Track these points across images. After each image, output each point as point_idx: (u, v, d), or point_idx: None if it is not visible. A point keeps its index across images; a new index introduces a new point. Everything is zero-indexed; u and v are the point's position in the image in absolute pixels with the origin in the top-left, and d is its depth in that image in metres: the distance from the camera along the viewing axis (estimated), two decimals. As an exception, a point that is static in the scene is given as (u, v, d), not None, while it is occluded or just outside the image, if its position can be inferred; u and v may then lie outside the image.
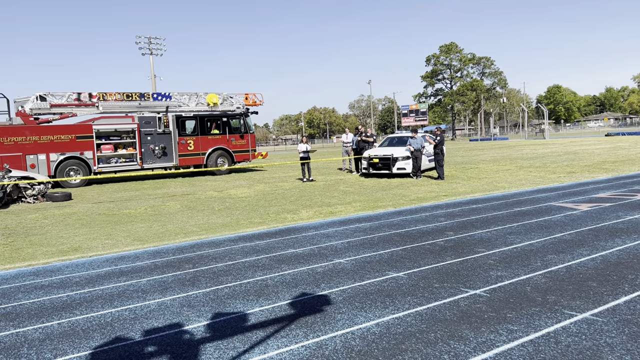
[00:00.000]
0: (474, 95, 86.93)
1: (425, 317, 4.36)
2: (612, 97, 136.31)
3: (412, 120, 75.89)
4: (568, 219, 8.52)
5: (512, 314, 4.33)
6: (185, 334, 4.25)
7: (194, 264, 6.67)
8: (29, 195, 14.71)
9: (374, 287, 5.27)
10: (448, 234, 7.80)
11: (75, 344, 4.13)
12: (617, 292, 4.74)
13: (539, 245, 6.79)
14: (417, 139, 17.02)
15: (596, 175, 15.49)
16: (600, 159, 21.39)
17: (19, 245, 8.43)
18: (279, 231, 8.74)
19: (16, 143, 18.86)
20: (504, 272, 5.57)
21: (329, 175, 20.14)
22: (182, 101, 23.34)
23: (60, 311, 4.99)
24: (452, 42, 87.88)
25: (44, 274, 6.52)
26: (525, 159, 24.20)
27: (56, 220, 11.11)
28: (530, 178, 15.46)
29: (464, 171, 18.92)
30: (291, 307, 4.78)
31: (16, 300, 5.44)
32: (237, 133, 24.05)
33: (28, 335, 4.38)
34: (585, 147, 32.40)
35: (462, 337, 3.90)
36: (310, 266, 6.26)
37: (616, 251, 6.27)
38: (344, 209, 10.84)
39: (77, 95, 21.06)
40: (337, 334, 4.09)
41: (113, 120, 21.40)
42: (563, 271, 5.51)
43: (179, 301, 5.13)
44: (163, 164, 22.28)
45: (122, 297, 5.38)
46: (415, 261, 6.25)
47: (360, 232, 8.30)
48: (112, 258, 7.26)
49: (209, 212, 11.32)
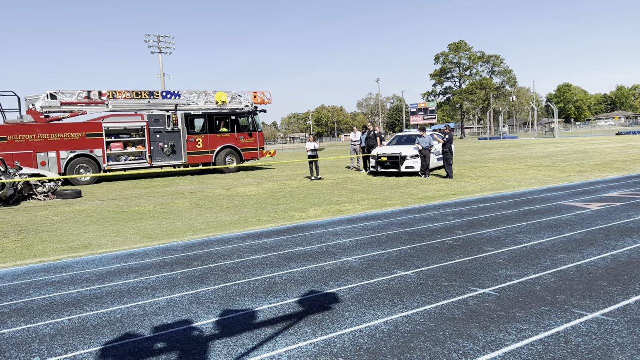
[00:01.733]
0: (483, 93, 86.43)
1: (434, 315, 4.35)
2: (623, 95, 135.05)
3: (420, 118, 75.62)
4: (578, 219, 8.45)
5: (521, 313, 4.31)
6: (194, 330, 4.27)
7: (202, 261, 6.69)
8: (40, 193, 14.84)
9: (382, 286, 5.27)
10: (457, 232, 7.77)
11: (86, 340, 4.17)
12: (628, 292, 4.70)
13: (549, 244, 6.74)
14: (425, 137, 16.96)
15: (607, 174, 15.35)
16: (611, 158, 21.20)
17: (30, 242, 8.51)
18: (287, 229, 8.75)
19: (27, 141, 19.04)
20: (514, 272, 5.54)
21: (337, 173, 20.13)
22: (191, 99, 23.44)
23: (71, 307, 5.03)
24: (462, 41, 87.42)
25: (55, 270, 6.57)
26: (535, 158, 24.04)
27: (66, 217, 11.20)
28: (540, 177, 15.36)
29: (473, 170, 18.83)
30: (300, 305, 4.79)
31: (27, 296, 5.49)
32: (246, 131, 24.10)
33: (39, 331, 4.42)
34: (596, 146, 32.13)
35: (471, 336, 3.88)
36: (319, 264, 6.26)
37: (627, 251, 6.22)
38: (352, 208, 10.84)
39: (87, 93, 21.21)
40: (346, 332, 4.09)
41: (123, 118, 21.53)
42: (573, 271, 5.48)
43: (188, 298, 5.16)
44: (172, 162, 22.39)
45: (131, 293, 5.41)
46: (424, 260, 6.23)
47: (368, 230, 8.29)
48: (121, 255, 7.31)
49: (217, 210, 11.36)
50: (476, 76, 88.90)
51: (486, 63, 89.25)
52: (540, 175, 15.99)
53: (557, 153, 26.88)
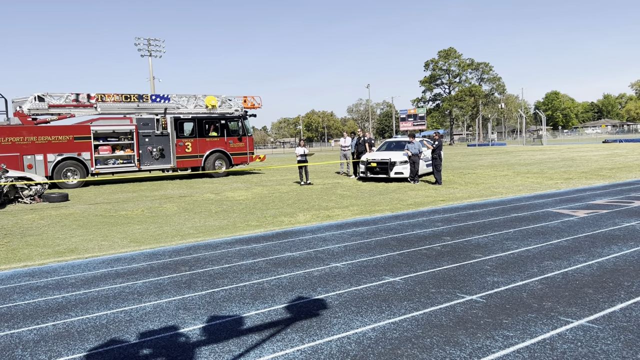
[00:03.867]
0: (472, 100, 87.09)
1: (421, 322, 4.36)
2: (610, 104, 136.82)
3: (410, 124, 75.99)
4: (565, 225, 8.53)
5: (508, 319, 4.33)
6: (181, 336, 4.24)
7: (190, 266, 6.65)
8: (26, 196, 14.67)
9: (370, 292, 5.27)
10: (445, 239, 7.80)
11: (70, 346, 4.11)
12: (613, 299, 4.75)
13: (536, 251, 6.79)
14: (414, 143, 17.04)
15: (593, 181, 15.52)
16: (598, 166, 21.44)
17: (15, 246, 8.40)
18: (276, 234, 8.73)
19: (14, 143, 18.83)
20: (501, 278, 5.57)
21: (326, 178, 20.14)
22: (180, 103, 23.34)
23: (56, 312, 4.97)
24: (451, 48, 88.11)
25: (40, 274, 6.49)
26: (522, 164, 24.24)
27: (53, 221, 11.08)
28: (528, 184, 15.49)
29: (461, 176, 18.94)
30: (287, 311, 4.77)
31: (11, 301, 5.42)
32: (235, 135, 24.04)
33: (23, 337, 4.36)
34: (583, 153, 32.48)
35: (458, 343, 3.89)
36: (307, 270, 6.25)
37: (613, 258, 6.28)
38: (341, 213, 10.84)
39: (75, 96, 21.04)
40: (333, 338, 4.09)
41: (111, 121, 21.38)
42: (559, 277, 5.52)
43: (174, 303, 5.12)
44: (160, 166, 22.26)
45: (117, 298, 5.36)
46: (411, 266, 6.24)
47: (357, 236, 8.30)
48: (108, 259, 7.24)
49: (206, 215, 11.31)
50: (465, 83, 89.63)
51: (475, 70, 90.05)
52: (528, 182, 16.12)
53: (544, 160, 27.13)
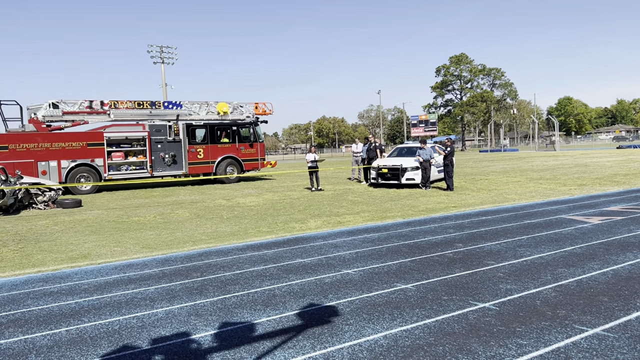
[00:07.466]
0: (484, 106, 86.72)
1: (433, 330, 4.33)
2: (624, 109, 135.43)
3: (421, 130, 75.86)
4: (579, 232, 8.43)
5: (521, 328, 4.28)
6: (193, 343, 4.25)
7: (202, 272, 6.67)
8: (40, 202, 14.83)
9: (381, 299, 5.24)
10: (457, 245, 7.74)
11: (83, 352, 4.14)
12: (628, 308, 4.68)
13: (549, 258, 6.72)
14: (426, 149, 16.98)
15: (607, 188, 15.34)
16: (612, 172, 21.20)
17: (29, 252, 8.49)
18: (287, 240, 8.73)
19: (28, 150, 19.07)
20: (514, 286, 5.51)
21: (337, 184, 20.13)
22: (192, 110, 23.49)
23: (69, 318, 5.01)
24: (463, 53, 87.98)
25: (53, 280, 6.55)
26: (535, 170, 24.05)
27: (66, 226, 11.18)
28: (541, 190, 15.35)
29: (473, 182, 18.83)
30: (298, 318, 4.76)
31: (25, 306, 5.47)
32: (247, 142, 24.13)
33: (36, 342, 4.39)
34: (597, 159, 32.14)
35: (470, 351, 3.85)
36: (318, 276, 6.24)
37: (628, 265, 6.19)
38: (353, 219, 10.82)
39: (89, 103, 21.28)
40: (344, 345, 4.07)
41: (124, 128, 21.57)
42: (574, 285, 5.45)
43: (186, 310, 5.13)
44: (173, 172, 22.39)
45: (130, 305, 5.39)
46: (423, 273, 6.20)
47: (368, 242, 8.27)
48: (120, 265, 7.29)
49: (217, 221, 11.34)
50: (477, 88, 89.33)
51: (487, 76, 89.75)
52: (541, 188, 15.98)
53: (557, 166, 26.89)
